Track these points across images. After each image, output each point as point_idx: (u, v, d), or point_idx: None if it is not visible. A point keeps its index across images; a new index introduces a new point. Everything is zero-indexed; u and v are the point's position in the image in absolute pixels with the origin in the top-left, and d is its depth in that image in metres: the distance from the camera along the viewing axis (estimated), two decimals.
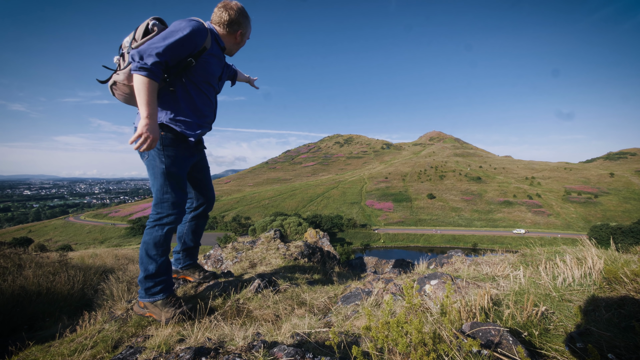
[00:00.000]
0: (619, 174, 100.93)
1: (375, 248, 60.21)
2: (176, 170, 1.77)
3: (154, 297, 1.78)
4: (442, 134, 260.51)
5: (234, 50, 1.95)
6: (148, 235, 1.77)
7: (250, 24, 1.91)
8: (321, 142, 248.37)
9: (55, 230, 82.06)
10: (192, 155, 1.89)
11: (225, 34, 1.83)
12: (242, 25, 1.84)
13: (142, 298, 1.80)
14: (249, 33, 1.93)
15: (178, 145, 1.76)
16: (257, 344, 1.25)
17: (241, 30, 1.86)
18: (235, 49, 1.94)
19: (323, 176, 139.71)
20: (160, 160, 1.72)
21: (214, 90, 1.92)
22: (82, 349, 1.49)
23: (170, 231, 1.81)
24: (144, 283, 1.78)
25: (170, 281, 1.87)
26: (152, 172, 1.75)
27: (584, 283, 1.58)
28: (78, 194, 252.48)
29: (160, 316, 1.73)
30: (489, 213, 76.14)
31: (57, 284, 3.12)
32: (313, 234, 4.78)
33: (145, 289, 1.78)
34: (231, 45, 1.90)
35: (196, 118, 1.80)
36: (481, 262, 2.41)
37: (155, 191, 1.76)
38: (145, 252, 1.76)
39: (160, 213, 1.77)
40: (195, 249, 2.30)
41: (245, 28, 1.87)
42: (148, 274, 1.76)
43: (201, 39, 1.65)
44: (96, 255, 6.17)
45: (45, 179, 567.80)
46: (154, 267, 1.76)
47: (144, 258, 1.77)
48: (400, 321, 1.05)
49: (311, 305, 2.09)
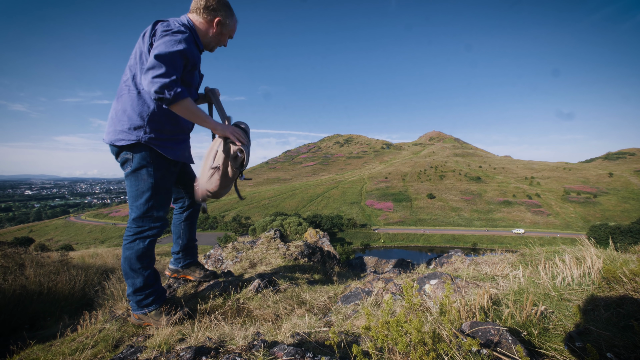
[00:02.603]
0: (618, 174, 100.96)
1: (375, 248, 60.23)
2: (165, 184, 1.73)
3: (147, 308, 1.75)
4: (442, 134, 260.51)
5: (213, 44, 1.78)
6: (129, 250, 1.68)
7: (234, 18, 1.77)
8: (321, 142, 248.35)
9: (56, 230, 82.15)
10: (177, 165, 1.82)
11: (202, 23, 1.69)
12: (220, 13, 1.69)
13: (135, 311, 1.76)
14: (231, 25, 1.77)
15: (166, 158, 1.70)
16: (258, 344, 1.25)
17: (219, 18, 1.69)
18: (215, 42, 1.77)
19: (323, 176, 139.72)
20: (149, 174, 1.65)
21: (195, 92, 1.83)
22: (83, 348, 1.50)
23: (152, 242, 1.74)
24: (134, 297, 1.74)
25: (160, 289, 1.84)
26: (137, 185, 1.65)
27: (583, 282, 1.59)
28: (79, 193, 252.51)
29: (157, 324, 1.72)
30: (488, 213, 76.17)
31: (58, 283, 3.12)
32: (313, 234, 4.79)
33: (137, 302, 1.74)
34: (210, 38, 1.73)
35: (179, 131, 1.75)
36: (481, 261, 2.41)
37: (138, 205, 1.66)
38: (129, 267, 1.69)
39: (142, 226, 1.69)
40: (194, 247, 2.27)
41: (225, 17, 1.71)
42: (136, 288, 1.72)
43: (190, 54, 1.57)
44: (97, 254, 6.17)
45: (46, 179, 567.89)
46: (141, 280, 1.71)
47: (129, 273, 1.70)
48: (400, 321, 1.05)
49: (311, 304, 2.10)
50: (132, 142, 1.58)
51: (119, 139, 1.59)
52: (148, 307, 1.75)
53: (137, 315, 1.78)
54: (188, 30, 1.59)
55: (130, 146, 1.60)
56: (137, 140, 1.58)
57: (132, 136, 1.58)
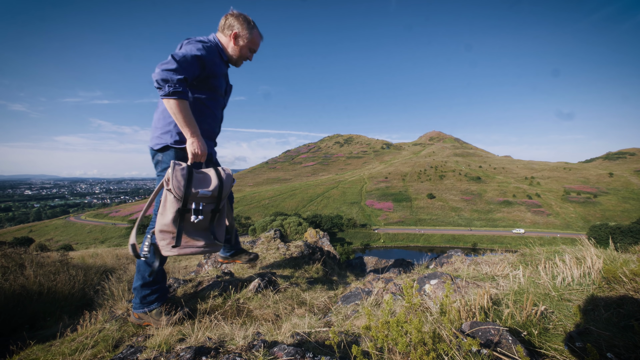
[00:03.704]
0: (618, 174, 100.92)
1: (375, 248, 60.21)
2: None
3: (149, 306, 1.80)
4: (442, 133, 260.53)
5: (236, 57, 1.93)
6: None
7: (253, 32, 1.90)
8: (321, 142, 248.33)
9: (56, 230, 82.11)
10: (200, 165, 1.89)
11: (224, 38, 1.88)
12: (237, 27, 1.86)
13: (136, 309, 1.81)
14: (249, 38, 1.89)
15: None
16: (257, 344, 1.25)
17: (236, 32, 1.85)
18: (237, 56, 1.92)
19: (323, 176, 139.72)
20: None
21: (220, 105, 1.95)
22: (83, 348, 1.50)
23: None
24: (140, 291, 1.79)
25: (164, 288, 1.90)
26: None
27: (583, 282, 1.59)
28: (79, 193, 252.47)
29: (157, 324, 1.76)
30: (488, 213, 76.15)
31: (58, 283, 3.12)
32: (313, 234, 4.79)
33: (141, 298, 1.79)
34: (231, 51, 1.90)
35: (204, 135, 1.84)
36: (481, 261, 2.41)
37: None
38: (144, 260, 1.74)
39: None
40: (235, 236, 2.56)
41: (241, 30, 1.86)
42: (145, 282, 1.78)
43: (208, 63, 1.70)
44: (97, 254, 6.17)
45: (46, 179, 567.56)
46: (153, 275, 1.76)
47: (141, 266, 1.76)
48: (400, 321, 1.05)
49: (311, 304, 2.10)
50: (161, 145, 1.76)
51: (154, 144, 1.78)
52: (150, 305, 1.80)
53: (138, 314, 1.80)
54: (210, 43, 1.78)
55: (161, 149, 1.77)
56: (165, 143, 1.75)
57: (162, 140, 1.76)
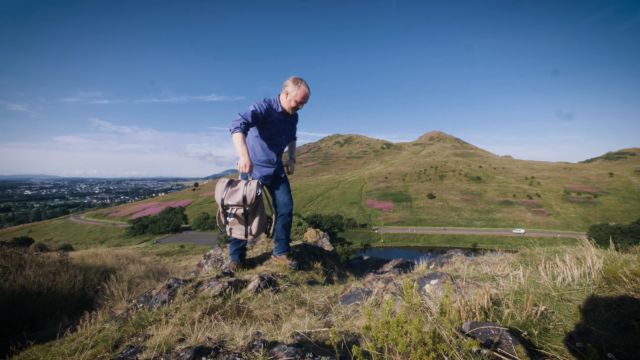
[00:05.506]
0: (618, 174, 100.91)
1: (375, 248, 60.21)
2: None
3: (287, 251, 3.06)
4: (442, 133, 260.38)
5: (287, 107, 2.64)
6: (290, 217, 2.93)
7: (299, 89, 2.56)
8: (321, 142, 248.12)
9: (55, 230, 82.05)
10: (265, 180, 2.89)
11: (282, 95, 2.64)
12: (288, 88, 2.60)
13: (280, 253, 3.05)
14: (293, 94, 2.57)
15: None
16: (257, 344, 1.25)
17: (286, 90, 2.61)
18: (288, 106, 2.64)
19: (323, 176, 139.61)
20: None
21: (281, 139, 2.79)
22: (83, 348, 1.50)
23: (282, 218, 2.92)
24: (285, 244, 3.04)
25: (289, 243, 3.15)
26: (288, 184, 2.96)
27: (583, 283, 1.59)
28: (78, 193, 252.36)
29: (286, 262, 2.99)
30: (488, 213, 76.14)
31: (58, 283, 3.12)
32: (313, 234, 4.78)
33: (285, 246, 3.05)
34: (285, 103, 2.64)
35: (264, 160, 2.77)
36: (481, 261, 2.41)
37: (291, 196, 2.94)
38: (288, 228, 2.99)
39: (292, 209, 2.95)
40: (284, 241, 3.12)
41: (290, 89, 2.58)
42: (289, 240, 3.07)
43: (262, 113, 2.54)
44: (96, 255, 6.16)
45: (45, 179, 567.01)
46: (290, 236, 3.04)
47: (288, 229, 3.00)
48: (400, 321, 1.05)
49: (311, 305, 2.10)
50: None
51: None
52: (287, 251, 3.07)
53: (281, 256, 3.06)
54: (266, 101, 2.61)
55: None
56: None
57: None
